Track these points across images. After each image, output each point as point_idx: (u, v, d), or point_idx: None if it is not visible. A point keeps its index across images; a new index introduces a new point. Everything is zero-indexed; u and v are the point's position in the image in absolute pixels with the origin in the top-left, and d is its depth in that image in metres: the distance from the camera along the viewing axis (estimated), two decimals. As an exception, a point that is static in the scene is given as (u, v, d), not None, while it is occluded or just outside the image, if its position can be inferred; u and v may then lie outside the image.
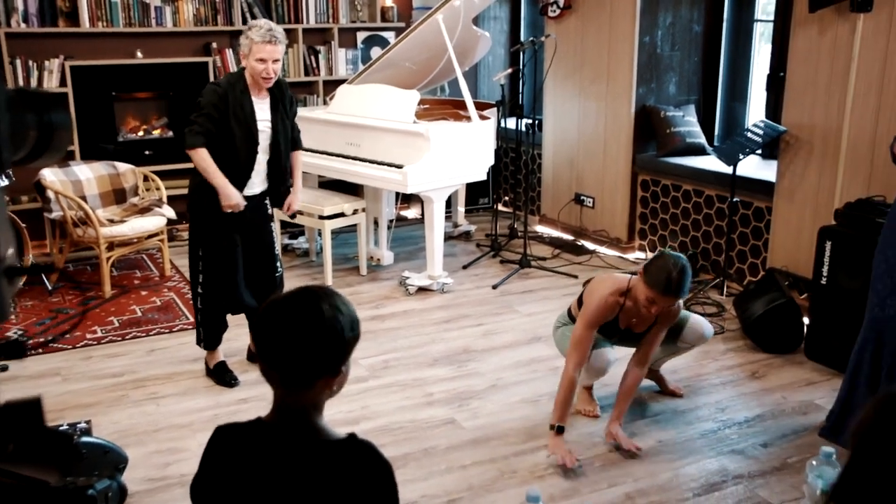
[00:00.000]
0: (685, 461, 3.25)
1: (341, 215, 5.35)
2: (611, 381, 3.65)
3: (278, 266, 4.03)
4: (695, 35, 5.80)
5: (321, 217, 5.31)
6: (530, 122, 6.19)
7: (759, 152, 4.95)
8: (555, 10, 6.19)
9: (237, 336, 4.26)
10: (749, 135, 4.78)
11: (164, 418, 3.63)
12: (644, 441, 3.40)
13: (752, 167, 5.12)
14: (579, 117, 6.20)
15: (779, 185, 4.77)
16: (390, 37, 6.88)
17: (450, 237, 6.30)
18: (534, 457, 3.26)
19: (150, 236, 5.35)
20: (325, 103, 6.36)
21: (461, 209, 6.62)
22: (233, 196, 3.69)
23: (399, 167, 5.03)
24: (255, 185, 3.85)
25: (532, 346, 4.34)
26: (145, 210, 5.38)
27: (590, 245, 6.14)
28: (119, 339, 4.48)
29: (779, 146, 4.75)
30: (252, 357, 4.14)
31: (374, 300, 5.03)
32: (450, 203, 6.13)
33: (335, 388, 1.55)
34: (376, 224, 5.78)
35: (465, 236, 6.51)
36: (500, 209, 7.08)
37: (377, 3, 6.85)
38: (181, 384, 3.95)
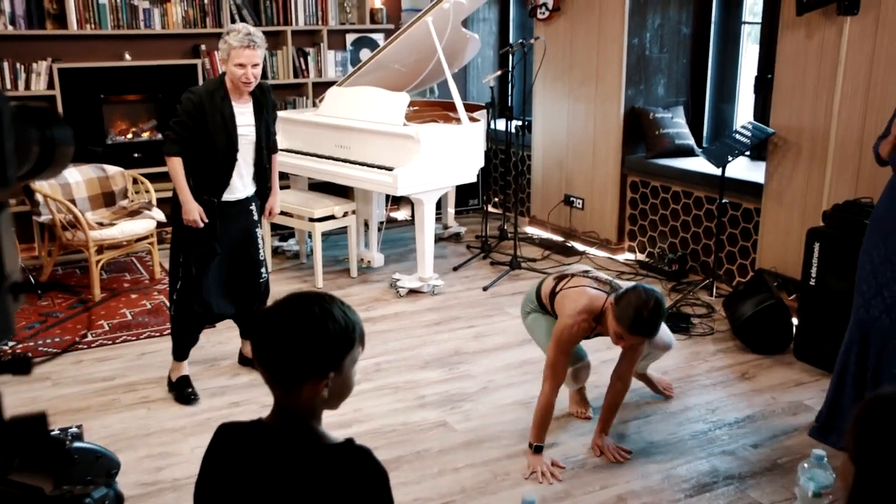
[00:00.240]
0: (676, 462, 3.27)
1: (331, 217, 5.35)
2: (603, 381, 3.67)
3: (263, 272, 3.96)
4: (683, 37, 5.83)
5: (311, 219, 5.31)
6: (520, 123, 6.21)
7: (748, 154, 4.98)
8: (544, 13, 6.20)
9: (228, 339, 4.26)
10: (737, 137, 4.81)
11: (156, 422, 3.62)
12: (635, 443, 3.41)
13: (741, 169, 5.15)
14: (568, 119, 6.22)
15: (767, 187, 4.80)
16: (379, 39, 6.88)
17: (440, 239, 6.31)
18: (526, 459, 3.27)
19: (140, 239, 5.33)
20: (314, 105, 6.35)
21: (451, 211, 6.63)
22: (192, 211, 3.62)
23: (389, 169, 5.03)
24: (238, 190, 3.79)
25: (523, 348, 4.35)
26: (135, 213, 5.36)
27: (579, 246, 6.16)
28: (109, 342, 4.46)
29: (767, 148, 4.78)
30: (244, 361, 4.13)
31: (364, 302, 5.03)
32: (439, 205, 6.14)
33: (325, 395, 1.53)
34: (366, 226, 5.78)
35: (455, 238, 6.51)
36: (490, 211, 7.10)
37: (366, 4, 6.85)
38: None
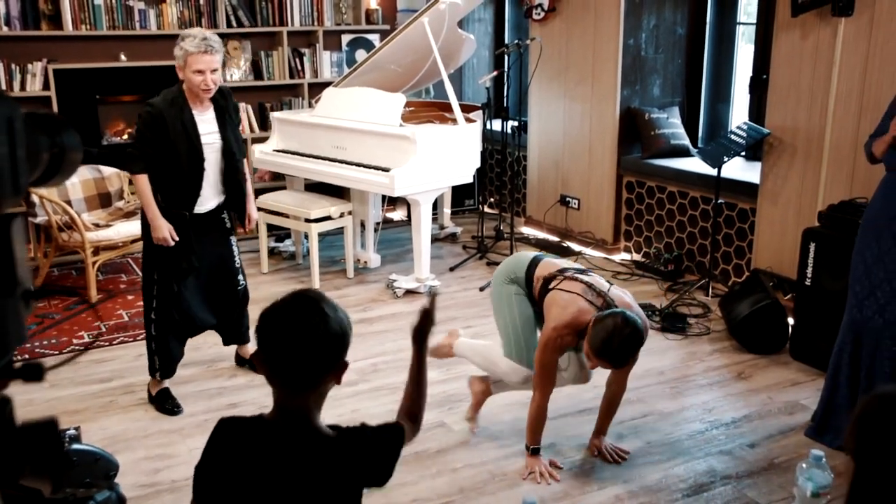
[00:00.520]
0: (674, 462, 3.28)
1: (328, 218, 5.36)
2: (601, 381, 3.67)
3: (241, 280, 3.91)
4: (678, 37, 5.85)
5: (308, 220, 5.31)
6: (516, 124, 6.22)
7: (743, 154, 5.00)
8: (539, 13, 6.22)
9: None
10: (733, 137, 4.83)
11: (154, 424, 3.62)
12: (632, 443, 3.43)
13: (736, 169, 5.17)
14: (564, 119, 6.24)
15: (763, 187, 4.82)
16: (375, 39, 6.89)
17: (436, 239, 6.31)
18: (524, 459, 3.28)
19: (136, 240, 5.29)
20: (310, 106, 6.35)
21: (447, 211, 6.64)
22: (161, 229, 3.55)
23: (386, 170, 5.04)
24: (209, 199, 3.71)
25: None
26: (131, 214, 5.36)
27: (575, 246, 6.17)
28: (106, 343, 4.46)
29: (762, 148, 4.80)
30: (241, 362, 4.13)
31: (361, 303, 5.03)
32: (436, 205, 6.14)
33: (339, 381, 1.65)
34: (363, 227, 5.78)
35: (451, 238, 6.52)
36: (486, 211, 7.11)
37: (362, 5, 6.85)
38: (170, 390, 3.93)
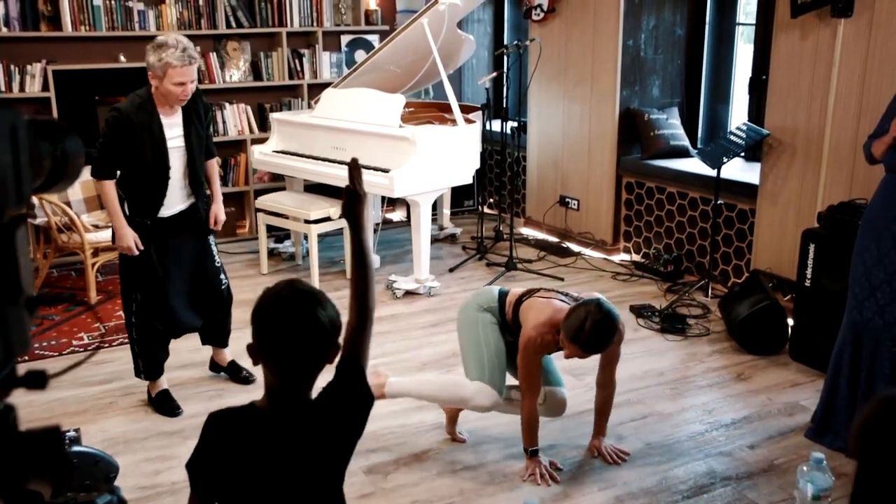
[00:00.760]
0: (673, 464, 3.29)
1: (328, 219, 5.35)
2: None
3: (222, 279, 3.88)
4: (677, 38, 5.85)
5: (307, 221, 5.31)
6: (515, 124, 6.22)
7: (743, 155, 5.00)
8: (539, 14, 6.22)
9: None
10: (732, 138, 4.84)
11: (154, 425, 3.62)
12: (632, 444, 3.43)
13: (736, 170, 5.17)
14: (564, 120, 6.24)
15: (762, 188, 4.82)
16: (374, 40, 6.89)
17: (435, 240, 6.31)
18: (524, 461, 3.28)
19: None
20: (310, 107, 6.35)
21: (447, 212, 6.64)
22: (126, 237, 3.51)
23: (385, 171, 5.04)
24: (177, 203, 3.66)
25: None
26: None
27: (575, 247, 6.18)
28: (106, 345, 4.46)
29: (762, 149, 4.80)
30: (217, 368, 4.07)
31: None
32: (435, 206, 6.15)
33: (332, 362, 1.72)
34: (362, 227, 5.77)
35: (451, 239, 6.52)
36: (486, 212, 7.11)
37: (361, 6, 6.85)
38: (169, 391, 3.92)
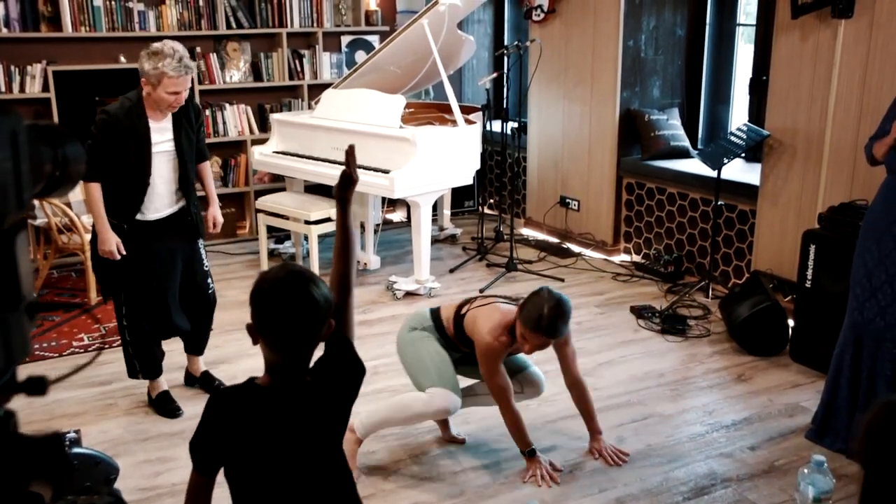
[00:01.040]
0: (674, 465, 3.28)
1: (328, 220, 5.35)
2: (601, 383, 3.68)
3: (209, 283, 3.86)
4: (678, 39, 5.85)
5: (307, 222, 5.31)
6: (515, 125, 6.22)
7: (743, 156, 5.00)
8: (539, 15, 6.22)
9: (226, 342, 4.24)
10: (733, 139, 4.83)
11: (154, 427, 3.62)
12: (633, 445, 3.43)
13: (736, 170, 5.17)
14: (564, 120, 6.23)
15: (763, 189, 4.82)
16: (375, 41, 6.89)
17: (435, 241, 6.31)
18: (525, 462, 3.27)
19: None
20: (310, 108, 6.35)
21: (447, 212, 6.64)
22: (109, 242, 3.50)
23: (385, 172, 5.03)
24: (165, 206, 3.64)
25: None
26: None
27: (575, 248, 6.17)
28: (106, 346, 4.45)
29: (762, 149, 4.80)
30: (191, 381, 4.02)
31: (361, 305, 5.03)
32: (435, 206, 6.14)
33: (326, 338, 1.83)
34: (363, 228, 5.78)
35: (451, 240, 6.52)
36: (486, 212, 7.11)
37: (361, 6, 6.85)
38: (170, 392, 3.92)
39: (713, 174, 4.87)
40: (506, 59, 5.86)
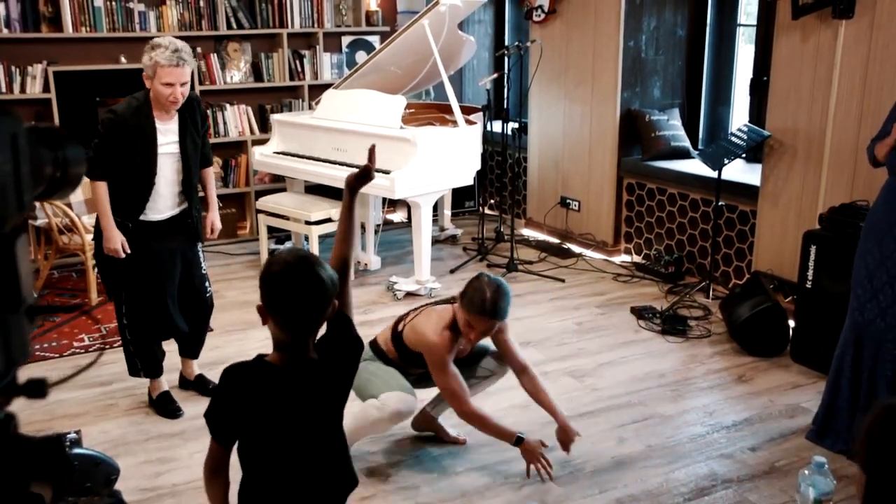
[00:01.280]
0: (675, 466, 3.28)
1: (328, 220, 5.35)
2: (602, 384, 3.68)
3: (207, 286, 3.85)
4: (678, 39, 5.84)
5: (308, 222, 5.31)
6: (516, 125, 6.22)
7: (744, 156, 4.99)
8: (539, 15, 6.21)
9: (226, 342, 4.23)
10: (733, 139, 4.83)
11: (155, 427, 3.62)
12: (633, 446, 3.43)
13: (737, 171, 5.17)
14: (564, 121, 6.23)
15: (763, 189, 4.82)
16: (375, 41, 6.89)
17: (436, 241, 6.31)
18: (524, 462, 3.27)
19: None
20: (310, 108, 6.35)
21: (447, 213, 6.64)
22: (114, 240, 3.50)
23: (386, 173, 5.03)
24: (168, 208, 3.65)
25: (521, 350, 4.35)
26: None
27: (576, 248, 6.17)
28: (107, 347, 4.46)
29: (763, 150, 4.80)
30: (186, 384, 4.00)
31: (361, 305, 5.03)
32: (436, 207, 6.14)
33: (329, 317, 1.91)
34: (363, 229, 5.78)
35: (452, 240, 6.52)
36: (487, 213, 7.11)
37: (362, 7, 6.85)
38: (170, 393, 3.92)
39: (714, 175, 4.86)
40: (506, 59, 5.86)
